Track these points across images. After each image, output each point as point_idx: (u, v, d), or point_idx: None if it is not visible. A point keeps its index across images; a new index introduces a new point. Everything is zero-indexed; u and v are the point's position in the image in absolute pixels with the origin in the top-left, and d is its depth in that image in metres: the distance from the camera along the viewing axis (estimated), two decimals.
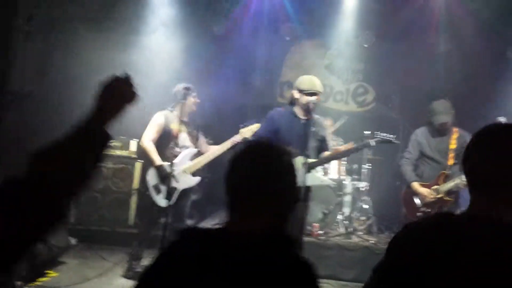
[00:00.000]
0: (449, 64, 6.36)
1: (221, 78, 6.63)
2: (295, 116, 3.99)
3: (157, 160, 4.36)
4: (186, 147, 4.52)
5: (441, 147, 4.52)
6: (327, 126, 4.52)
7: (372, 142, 4.08)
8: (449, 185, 4.28)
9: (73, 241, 5.25)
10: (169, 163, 4.22)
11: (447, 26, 6.42)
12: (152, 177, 4.40)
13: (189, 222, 5.68)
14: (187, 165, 4.47)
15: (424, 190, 4.44)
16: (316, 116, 4.08)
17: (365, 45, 6.86)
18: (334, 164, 5.91)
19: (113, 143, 5.57)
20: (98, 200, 5.59)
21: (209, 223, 5.55)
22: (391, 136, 4.25)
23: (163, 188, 4.35)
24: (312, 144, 3.95)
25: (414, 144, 4.70)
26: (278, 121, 3.98)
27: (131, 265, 4.49)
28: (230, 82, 6.74)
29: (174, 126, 4.43)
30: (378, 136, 4.19)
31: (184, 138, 4.52)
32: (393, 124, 6.40)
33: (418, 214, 4.47)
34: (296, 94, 3.97)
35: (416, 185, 4.52)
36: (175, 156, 4.34)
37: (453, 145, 4.38)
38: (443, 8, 6.17)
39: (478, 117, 5.24)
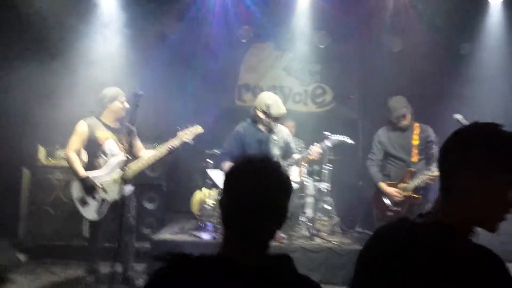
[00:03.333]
0: (405, 63, 6.41)
1: (173, 82, 6.42)
2: (259, 130, 4.24)
3: (80, 172, 4.07)
4: (115, 155, 4.22)
5: (404, 144, 4.52)
6: (288, 132, 4.62)
7: (329, 143, 4.38)
8: (416, 182, 4.26)
9: (22, 257, 4.96)
10: (96, 173, 4.06)
11: (400, 26, 6.49)
12: (76, 190, 4.11)
13: (147, 231, 5.46)
14: (116, 175, 4.14)
15: (391, 190, 4.44)
16: (277, 125, 4.37)
17: (321, 46, 6.84)
18: (295, 166, 5.82)
19: (62, 152, 5.28)
20: (49, 213, 5.31)
21: (168, 232, 5.32)
22: (345, 137, 4.52)
23: (90, 200, 4.10)
24: (278, 152, 4.25)
25: (377, 144, 4.71)
26: (244, 135, 4.20)
27: (84, 278, 4.30)
28: (186, 86, 6.55)
29: (100, 133, 4.19)
30: (331, 137, 4.42)
31: (112, 145, 4.24)
32: (353, 124, 6.44)
33: (389, 213, 4.47)
34: (262, 115, 4.19)
35: (383, 186, 4.52)
36: (102, 165, 4.16)
37: (415, 141, 4.39)
38: (396, 8, 6.22)
39: (435, 114, 5.30)
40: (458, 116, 4.13)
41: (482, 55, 6.14)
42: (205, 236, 4.98)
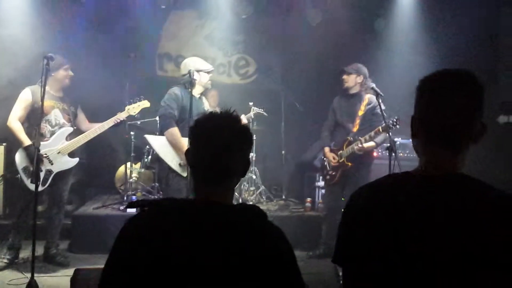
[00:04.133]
0: (324, 36, 6.60)
1: (94, 50, 6.04)
2: (193, 95, 4.03)
3: (25, 140, 3.94)
4: (61, 125, 4.13)
5: (350, 112, 4.61)
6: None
7: (252, 115, 4.95)
8: (348, 150, 4.45)
9: None
10: (41, 143, 3.76)
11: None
12: (21, 160, 3.97)
13: (68, 207, 5.19)
14: (62, 145, 4.08)
15: (330, 155, 4.65)
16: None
17: (243, 16, 6.79)
18: None
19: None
20: None
21: (90, 207, 5.11)
22: (261, 109, 5.11)
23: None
24: None
25: (330, 111, 4.84)
26: (181, 98, 4.01)
27: (6, 255, 4.10)
28: (106, 55, 6.18)
29: (45, 102, 3.91)
30: (254, 109, 5.00)
31: (57, 115, 4.14)
32: (276, 95, 6.54)
33: (327, 176, 4.68)
34: (196, 75, 4.05)
35: (325, 150, 4.73)
36: (47, 135, 4.04)
37: (361, 111, 4.50)
38: None
39: None
40: (371, 84, 4.36)
41: (395, 29, 6.51)
42: (130, 210, 4.85)
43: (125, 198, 5.18)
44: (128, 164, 5.43)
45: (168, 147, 3.88)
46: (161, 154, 3.90)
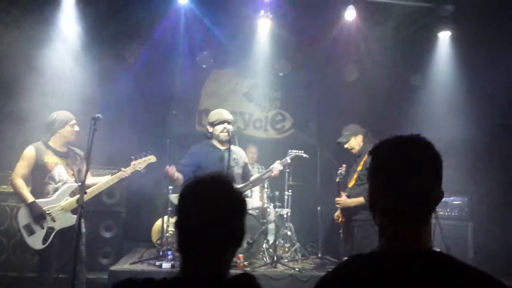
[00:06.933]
0: (360, 91, 6.66)
1: (137, 107, 6.35)
2: (215, 147, 4.11)
3: (29, 197, 3.93)
4: (64, 182, 4.11)
5: (352, 169, 4.70)
6: (245, 154, 4.53)
7: (288, 159, 4.58)
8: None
9: None
10: (44, 200, 3.92)
11: (355, 56, 6.76)
12: (23, 217, 3.94)
13: (104, 261, 5.27)
14: (66, 202, 4.04)
15: (337, 213, 4.78)
16: (232, 146, 4.22)
17: (281, 74, 6.99)
18: (256, 191, 5.86)
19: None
20: (1, 243, 5.04)
21: (126, 262, 5.15)
22: (301, 152, 4.87)
23: (37, 228, 3.94)
24: (238, 171, 4.01)
25: None
26: (199, 154, 4.09)
27: None
28: (148, 111, 6.48)
29: (48, 158, 4.07)
30: (292, 153, 4.72)
31: (60, 171, 4.13)
32: (311, 150, 6.54)
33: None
34: (210, 129, 4.15)
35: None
36: (50, 192, 4.03)
37: (360, 166, 4.54)
38: (350, 38, 6.48)
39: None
40: None
41: (432, 86, 6.48)
42: (165, 265, 4.86)
43: (160, 253, 5.21)
44: (165, 218, 5.50)
45: None
46: None
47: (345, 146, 4.73)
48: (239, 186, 3.89)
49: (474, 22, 5.78)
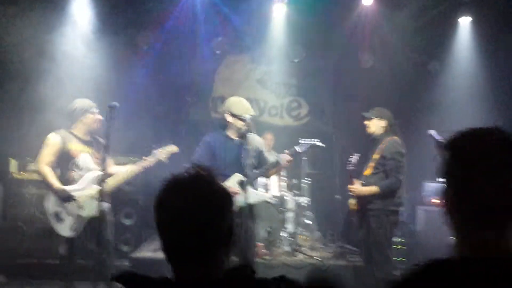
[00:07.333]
0: (377, 78, 6.59)
1: (152, 94, 6.30)
2: (229, 138, 4.00)
3: (56, 184, 3.87)
4: (89, 169, 4.04)
5: (369, 156, 4.49)
6: (261, 142, 4.36)
7: (298, 148, 4.26)
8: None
9: (1, 277, 4.69)
10: (71, 188, 3.87)
11: (372, 42, 6.66)
12: (51, 204, 3.91)
13: (125, 248, 5.28)
14: (93, 189, 3.97)
15: (350, 202, 4.53)
16: (248, 134, 4.03)
17: (296, 60, 6.89)
18: (274, 180, 5.83)
19: (34, 165, 5.03)
20: (22, 230, 5.00)
21: (147, 249, 5.17)
22: (315, 140, 4.57)
23: (65, 215, 3.91)
24: (249, 161, 3.93)
25: None
26: (213, 144, 3.98)
27: None
28: (162, 98, 6.44)
29: (73, 146, 4.00)
30: (303, 143, 4.41)
31: (86, 159, 4.05)
32: (328, 137, 6.50)
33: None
34: (229, 118, 3.96)
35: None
36: (76, 179, 3.96)
37: (377, 155, 4.36)
38: (367, 24, 6.38)
39: (408, 128, 5.45)
40: (431, 132, 4.21)
41: (451, 72, 6.40)
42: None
43: None
44: None
45: None
46: None
47: (365, 122, 4.48)
48: (249, 174, 3.81)
49: (495, 7, 5.67)
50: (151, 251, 5.13)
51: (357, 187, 4.28)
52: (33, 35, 5.16)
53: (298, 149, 4.27)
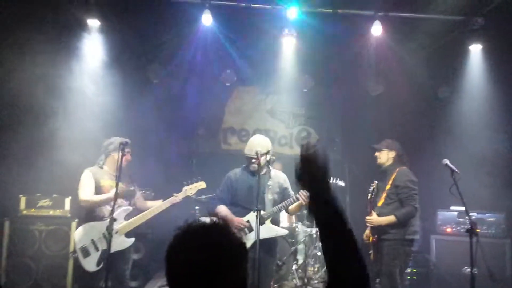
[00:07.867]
0: (386, 105, 6.55)
1: (161, 128, 6.35)
2: (248, 174, 4.09)
3: (109, 194, 3.95)
4: (119, 205, 4.09)
5: (381, 187, 4.53)
6: (285, 178, 4.31)
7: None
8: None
9: None
10: (100, 223, 3.92)
11: (381, 70, 6.64)
12: (80, 237, 3.95)
13: (133, 284, 5.22)
14: (120, 225, 4.04)
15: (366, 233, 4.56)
16: (273, 171, 4.16)
17: (305, 90, 6.91)
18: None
19: (44, 202, 5.05)
20: (30, 267, 4.97)
21: (155, 285, 5.10)
22: (337, 179, 4.79)
23: (92, 250, 3.94)
24: (270, 196, 4.01)
25: None
26: (235, 180, 4.08)
27: None
28: (171, 131, 6.48)
29: (105, 182, 4.10)
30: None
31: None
32: (339, 166, 6.45)
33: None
34: (245, 159, 4.12)
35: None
36: (106, 215, 3.97)
37: (388, 185, 4.39)
38: (377, 53, 6.37)
39: (417, 156, 5.38)
40: (445, 161, 4.16)
41: (462, 99, 6.32)
42: None
43: None
44: None
45: None
46: None
47: (375, 154, 4.60)
48: (263, 212, 3.88)
49: (505, 34, 5.63)
50: (159, 287, 5.05)
51: (374, 217, 4.28)
52: (45, 73, 5.27)
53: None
